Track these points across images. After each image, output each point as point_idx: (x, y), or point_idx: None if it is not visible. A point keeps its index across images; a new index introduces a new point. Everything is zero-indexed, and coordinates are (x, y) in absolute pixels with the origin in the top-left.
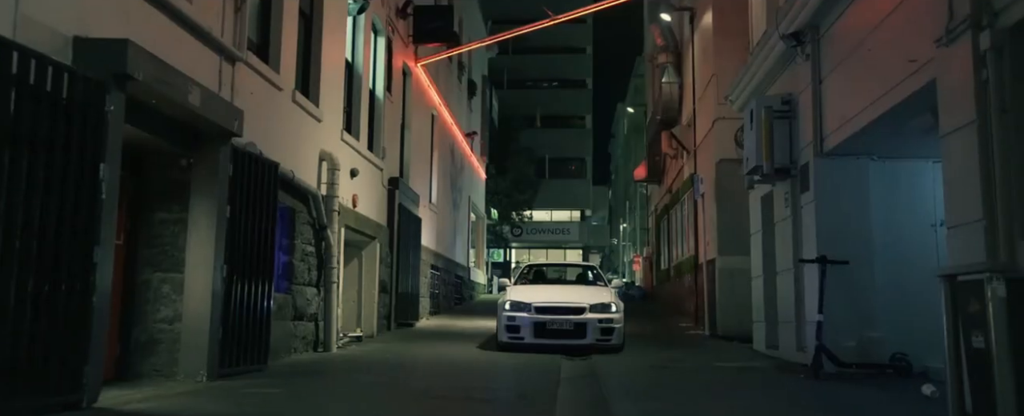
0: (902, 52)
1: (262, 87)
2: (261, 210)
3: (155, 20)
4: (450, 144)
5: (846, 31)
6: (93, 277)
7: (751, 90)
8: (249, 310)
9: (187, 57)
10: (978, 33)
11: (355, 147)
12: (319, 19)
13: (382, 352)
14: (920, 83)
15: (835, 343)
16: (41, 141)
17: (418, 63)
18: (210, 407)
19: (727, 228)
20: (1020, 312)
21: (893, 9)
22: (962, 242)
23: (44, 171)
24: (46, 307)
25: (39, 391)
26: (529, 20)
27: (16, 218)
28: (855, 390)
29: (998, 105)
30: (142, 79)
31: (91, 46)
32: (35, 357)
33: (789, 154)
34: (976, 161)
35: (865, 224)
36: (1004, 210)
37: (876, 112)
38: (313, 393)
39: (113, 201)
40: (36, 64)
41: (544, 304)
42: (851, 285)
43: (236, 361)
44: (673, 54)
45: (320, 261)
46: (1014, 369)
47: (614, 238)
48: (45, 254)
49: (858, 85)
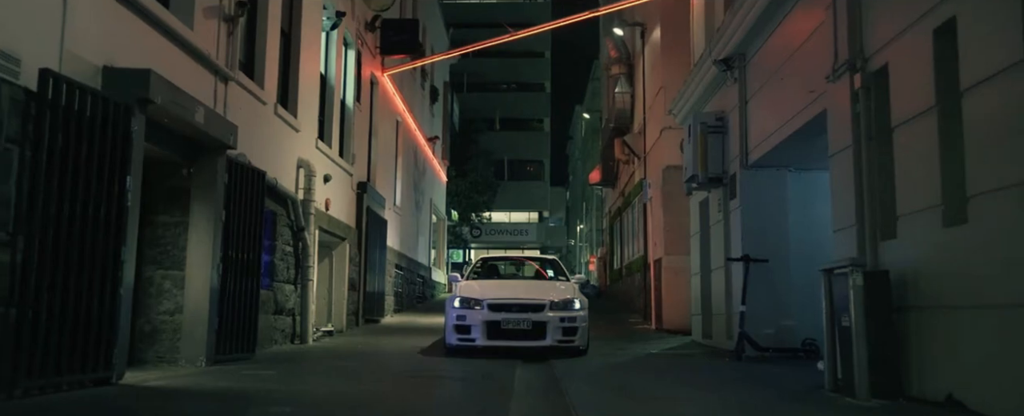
0: (805, 83)
1: (249, 102)
2: (251, 214)
3: (165, 48)
4: (414, 148)
5: (766, 60)
6: (120, 272)
7: (690, 106)
8: (241, 304)
9: (191, 79)
10: (854, 74)
11: (328, 154)
12: (297, 36)
13: (354, 344)
14: (817, 110)
15: (756, 331)
16: (79, 157)
17: (385, 73)
18: (218, 384)
19: (672, 230)
20: (873, 297)
21: (800, 45)
22: (842, 242)
23: (81, 183)
24: (82, 298)
25: (77, 369)
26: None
27: (58, 222)
28: (767, 368)
29: (867, 133)
30: (160, 103)
31: (118, 75)
32: (74, 341)
33: (721, 165)
34: (851, 178)
35: (783, 227)
36: (869, 218)
37: (788, 131)
38: (301, 374)
39: (136, 208)
40: (79, 93)
41: (498, 301)
42: (770, 280)
43: (229, 349)
44: (626, 65)
45: (297, 260)
46: (867, 342)
47: (571, 239)
48: (81, 253)
49: (775, 107)
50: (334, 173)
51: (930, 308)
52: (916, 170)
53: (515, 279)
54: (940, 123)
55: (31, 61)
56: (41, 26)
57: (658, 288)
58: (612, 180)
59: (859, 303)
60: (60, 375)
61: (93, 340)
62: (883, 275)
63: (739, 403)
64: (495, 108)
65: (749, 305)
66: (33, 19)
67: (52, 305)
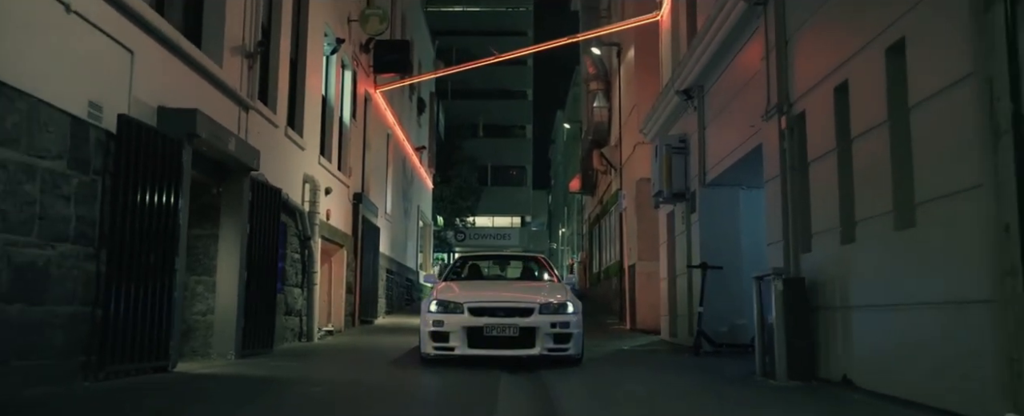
0: (748, 118)
1: (265, 126)
2: (269, 227)
3: (200, 85)
4: (403, 159)
5: (719, 93)
6: (174, 279)
7: (658, 127)
8: (261, 305)
9: (221, 110)
10: (781, 116)
11: (328, 168)
12: (303, 63)
13: (354, 341)
14: (756, 143)
15: (712, 329)
16: (143, 184)
17: (377, 89)
18: (255, 372)
19: (644, 238)
20: (791, 299)
21: (744, 85)
22: (773, 254)
23: (145, 205)
24: (146, 301)
25: (142, 358)
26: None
27: (128, 238)
28: (718, 360)
29: (791, 165)
30: (204, 136)
31: (171, 114)
32: (140, 335)
33: (684, 182)
34: (779, 201)
35: (736, 238)
36: (792, 235)
37: (737, 156)
38: (320, 365)
39: (186, 225)
40: (145, 132)
41: (480, 304)
42: (725, 285)
43: (252, 345)
44: (603, 82)
45: (304, 266)
46: (786, 336)
47: (553, 242)
48: (145, 263)
49: (726, 135)
50: (334, 185)
51: (832, 308)
52: (823, 198)
53: (500, 280)
54: (839, 162)
55: (109, 108)
56: (115, 78)
57: (632, 291)
58: (591, 188)
59: (780, 304)
60: (131, 363)
61: (153, 335)
62: (800, 281)
63: (684, 386)
64: (479, 115)
65: (706, 306)
66: (110, 74)
67: (125, 306)
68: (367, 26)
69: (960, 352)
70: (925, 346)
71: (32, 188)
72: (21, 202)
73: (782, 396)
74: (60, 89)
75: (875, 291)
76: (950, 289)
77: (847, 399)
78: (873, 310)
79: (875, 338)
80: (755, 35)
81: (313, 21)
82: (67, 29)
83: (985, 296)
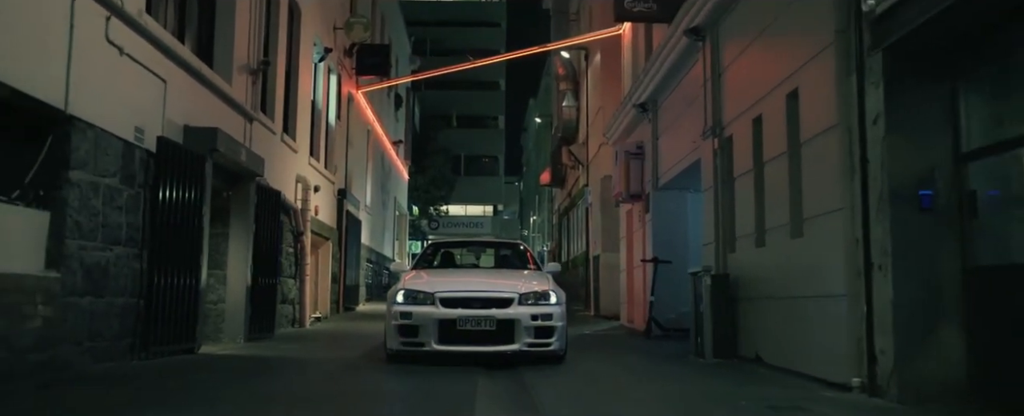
0: (691, 134)
1: (265, 134)
2: (271, 225)
3: (214, 103)
4: (381, 153)
5: (670, 109)
6: (200, 273)
7: (619, 134)
8: (265, 295)
9: (231, 123)
10: (715, 137)
11: (317, 167)
12: (296, 73)
13: (342, 327)
14: (696, 157)
15: (662, 315)
16: (175, 194)
17: (359, 90)
18: (268, 353)
19: (607, 231)
20: (718, 292)
21: (689, 104)
22: (708, 253)
23: (177, 211)
24: (177, 293)
25: (174, 341)
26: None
27: (164, 239)
28: (665, 343)
29: (722, 179)
30: (222, 151)
31: (196, 132)
32: (173, 322)
33: (641, 184)
34: (712, 209)
35: (683, 236)
36: (721, 237)
37: (682, 166)
38: (319, 347)
39: (207, 227)
40: (176, 150)
41: (453, 294)
42: (673, 277)
43: (257, 330)
44: (572, 82)
45: (297, 259)
46: (713, 322)
47: (525, 230)
48: (177, 261)
49: (675, 146)
50: (321, 183)
51: (748, 299)
52: (744, 208)
53: (475, 268)
54: (755, 181)
55: (149, 131)
56: (153, 105)
57: (596, 280)
58: (561, 182)
59: (709, 296)
60: (166, 345)
61: (184, 321)
62: (725, 277)
63: (632, 363)
64: (453, 106)
65: (656, 296)
66: (149, 101)
67: (162, 297)
68: (352, 33)
69: (828, 334)
70: (807, 330)
71: (97, 202)
72: (90, 214)
73: (706, 370)
74: (114, 118)
75: (777, 286)
76: (823, 286)
77: (754, 372)
78: (776, 301)
79: (777, 324)
80: (697, 63)
81: (304, 34)
82: (119, 68)
83: (843, 292)
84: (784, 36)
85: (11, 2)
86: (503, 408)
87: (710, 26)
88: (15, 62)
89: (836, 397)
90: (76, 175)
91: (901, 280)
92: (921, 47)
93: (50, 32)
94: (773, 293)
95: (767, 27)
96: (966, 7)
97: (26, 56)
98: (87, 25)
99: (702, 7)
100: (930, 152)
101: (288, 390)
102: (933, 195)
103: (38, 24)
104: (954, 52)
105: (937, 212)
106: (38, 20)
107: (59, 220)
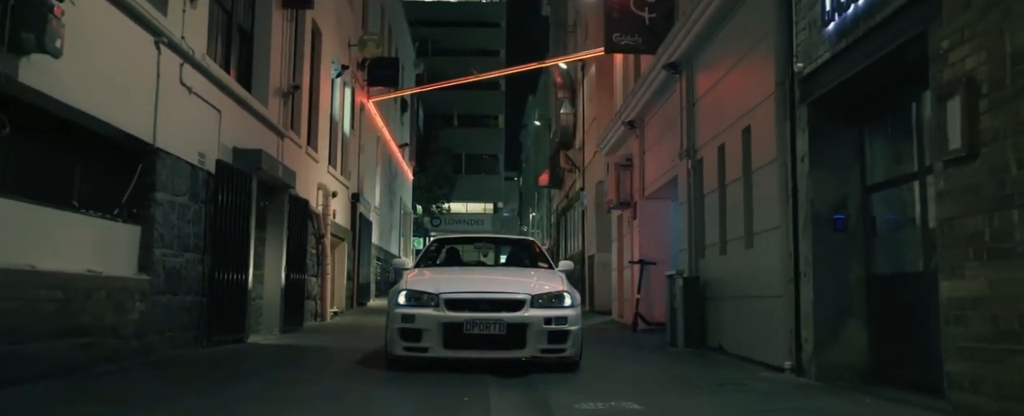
0: (671, 153)
1: (293, 148)
2: (300, 230)
3: (254, 124)
4: (389, 157)
5: (654, 128)
6: (247, 274)
7: (611, 145)
8: (295, 292)
9: (267, 142)
10: (689, 158)
11: (334, 175)
12: (317, 90)
13: (358, 320)
14: (675, 173)
15: (647, 311)
16: (229, 208)
17: (370, 100)
18: (303, 343)
19: (601, 233)
20: (689, 292)
21: (670, 126)
22: (683, 258)
23: (230, 222)
24: (230, 291)
25: (228, 332)
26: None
27: (221, 246)
28: (648, 335)
29: (695, 195)
30: (265, 169)
31: (243, 153)
32: (227, 316)
33: (629, 193)
34: (687, 220)
35: (667, 240)
36: (694, 245)
37: (664, 180)
38: (345, 338)
39: (253, 234)
40: (230, 170)
41: (460, 295)
42: (657, 277)
43: (289, 323)
44: (569, 91)
45: (318, 259)
46: (685, 317)
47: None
48: (230, 264)
49: (659, 162)
50: (338, 189)
51: (714, 298)
52: (711, 221)
53: (482, 267)
54: (719, 199)
55: (209, 154)
56: (211, 132)
57: (591, 278)
58: (559, 183)
59: (681, 295)
60: (223, 335)
61: (235, 315)
62: (696, 279)
63: (616, 352)
64: (454, 106)
65: (643, 294)
66: (208, 129)
67: (219, 295)
68: (365, 50)
69: (769, 327)
70: (755, 324)
71: (173, 216)
72: (169, 226)
73: (677, 357)
74: (184, 146)
75: (735, 288)
76: (766, 288)
77: (715, 359)
78: (734, 300)
79: (734, 319)
80: (675, 92)
81: (325, 53)
82: (188, 104)
83: (780, 293)
84: (742, 80)
85: (115, 61)
86: (500, 384)
87: (685, 62)
88: (120, 107)
89: (772, 377)
90: (160, 196)
91: (820, 285)
92: (836, 101)
93: (143, 81)
94: (732, 293)
95: (730, 70)
96: (867, 74)
97: (127, 102)
98: (168, 72)
99: (679, 46)
100: (843, 185)
101: (331, 369)
102: (845, 219)
103: (135, 75)
104: (861, 106)
105: (848, 232)
106: (135, 71)
107: (148, 233)
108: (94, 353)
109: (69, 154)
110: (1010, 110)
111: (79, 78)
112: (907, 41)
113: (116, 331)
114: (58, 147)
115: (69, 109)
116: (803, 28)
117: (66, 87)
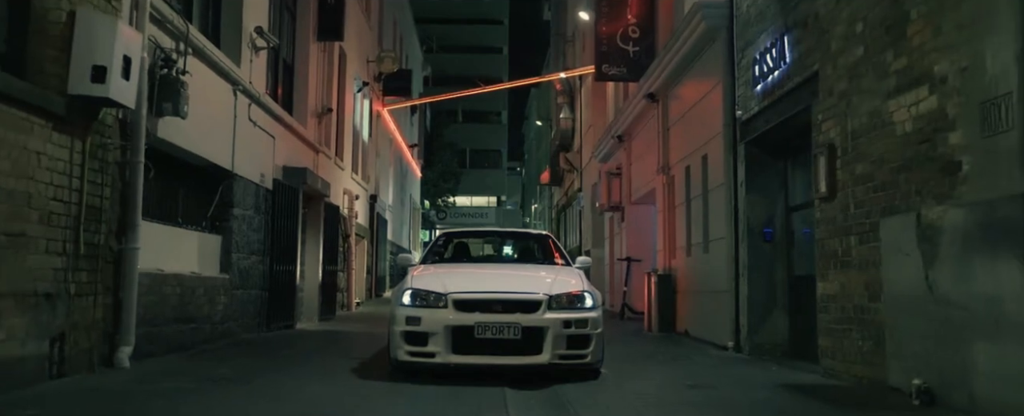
0: (652, 167)
1: (324, 160)
2: (332, 232)
3: (296, 143)
4: (400, 157)
5: (639, 143)
6: (296, 271)
7: (604, 154)
8: (330, 286)
9: (306, 158)
10: (664, 174)
11: (357, 180)
12: (343, 106)
13: (378, 309)
14: (655, 185)
15: (632, 302)
16: (282, 218)
17: (384, 108)
18: (341, 329)
19: (596, 230)
20: (662, 286)
21: (650, 143)
22: (660, 257)
23: (283, 229)
24: (284, 285)
25: (282, 319)
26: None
27: (277, 248)
28: (632, 323)
29: (669, 205)
30: (309, 184)
31: (291, 171)
32: (281, 306)
33: (619, 198)
34: (663, 226)
35: (650, 240)
36: (668, 246)
37: (647, 189)
38: (373, 325)
39: (300, 238)
40: (283, 187)
41: (469, 295)
42: (642, 272)
43: (326, 313)
44: (569, 96)
45: (344, 256)
46: (659, 307)
47: (527, 217)
48: (284, 263)
49: (643, 173)
50: (359, 192)
51: (685, 292)
52: (680, 228)
53: (493, 263)
54: (686, 210)
55: (267, 174)
56: (267, 155)
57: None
58: (559, 182)
59: (656, 289)
60: (278, 322)
61: (287, 306)
62: (669, 275)
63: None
64: (458, 102)
65: (629, 287)
66: (265, 153)
67: (276, 289)
68: (383, 65)
69: (719, 316)
70: (710, 313)
71: (245, 227)
72: (241, 235)
73: (650, 340)
74: (251, 170)
75: (697, 283)
76: (717, 285)
77: (681, 341)
78: (697, 293)
79: (696, 308)
80: (654, 117)
81: (348, 72)
82: (253, 135)
83: (727, 289)
84: (702, 116)
85: (209, 109)
86: None
87: (661, 92)
88: (211, 144)
89: (717, 353)
90: (235, 211)
91: (753, 283)
92: (766, 141)
93: (225, 120)
94: (695, 288)
95: (694, 105)
96: (783, 126)
97: (215, 138)
98: (241, 110)
99: (656, 80)
100: (772, 205)
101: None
102: (772, 232)
103: (219, 117)
104: (785, 144)
105: (774, 243)
106: (219, 114)
107: (227, 241)
108: (197, 335)
109: (175, 182)
110: (850, 169)
111: (190, 126)
112: (801, 109)
113: (210, 318)
114: (170, 178)
115: (184, 152)
116: (742, 84)
117: (184, 135)
